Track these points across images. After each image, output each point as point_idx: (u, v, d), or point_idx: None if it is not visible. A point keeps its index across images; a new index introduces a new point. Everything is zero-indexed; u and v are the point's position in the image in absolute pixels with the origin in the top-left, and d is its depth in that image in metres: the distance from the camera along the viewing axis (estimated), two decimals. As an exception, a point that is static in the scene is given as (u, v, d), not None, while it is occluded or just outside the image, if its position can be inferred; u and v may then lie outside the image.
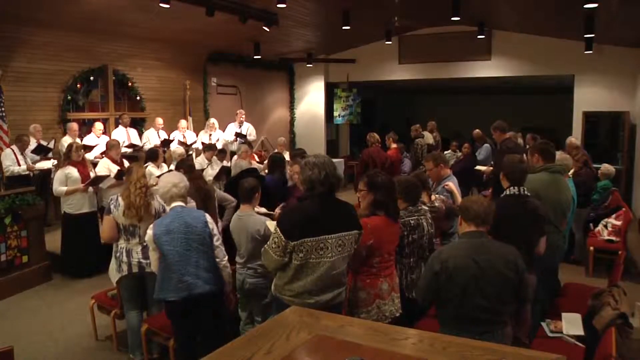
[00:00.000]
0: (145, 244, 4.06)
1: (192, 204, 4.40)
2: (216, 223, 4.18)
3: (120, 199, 4.07)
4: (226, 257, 3.66)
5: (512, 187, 3.77)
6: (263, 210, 4.72)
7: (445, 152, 9.85)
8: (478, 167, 8.28)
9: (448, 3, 8.19)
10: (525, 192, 3.75)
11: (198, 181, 5.11)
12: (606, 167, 7.35)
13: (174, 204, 3.53)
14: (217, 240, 3.59)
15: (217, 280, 3.56)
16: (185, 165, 5.39)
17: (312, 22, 10.27)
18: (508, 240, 3.01)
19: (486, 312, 2.79)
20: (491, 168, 7.36)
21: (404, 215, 3.80)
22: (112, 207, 4.08)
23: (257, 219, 4.05)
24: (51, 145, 7.59)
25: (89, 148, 7.77)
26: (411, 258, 3.82)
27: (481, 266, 2.76)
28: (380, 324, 2.31)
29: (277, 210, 4.93)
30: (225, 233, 4.37)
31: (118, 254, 4.11)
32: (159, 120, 9.40)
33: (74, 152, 6.23)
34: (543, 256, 3.91)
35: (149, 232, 3.46)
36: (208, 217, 3.59)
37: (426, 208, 4.05)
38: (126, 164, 6.77)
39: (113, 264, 4.15)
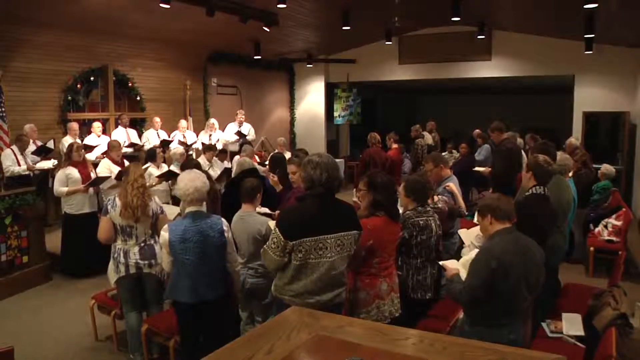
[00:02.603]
0: (142, 244, 4.07)
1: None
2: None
3: (117, 199, 4.06)
4: (237, 262, 3.64)
5: (537, 187, 3.81)
6: (265, 210, 4.72)
7: (442, 153, 9.84)
8: (477, 169, 8.26)
9: (448, 3, 8.19)
10: (547, 193, 3.80)
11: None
12: (606, 168, 7.35)
13: (191, 208, 3.45)
14: (231, 247, 3.56)
15: (227, 284, 3.56)
16: (191, 165, 5.38)
17: (312, 22, 10.27)
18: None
19: (525, 302, 2.91)
20: (489, 169, 7.35)
21: (413, 215, 3.80)
22: (109, 207, 4.07)
23: (258, 219, 4.05)
24: (50, 145, 7.59)
25: (89, 148, 7.76)
26: (418, 259, 3.82)
27: (526, 259, 2.86)
28: (380, 324, 2.32)
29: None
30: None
31: (116, 255, 4.10)
32: (156, 119, 9.39)
33: (75, 152, 6.23)
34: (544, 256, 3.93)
35: (164, 234, 3.40)
36: (225, 225, 3.50)
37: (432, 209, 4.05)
38: (127, 164, 6.77)
39: (111, 265, 4.15)
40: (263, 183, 5.86)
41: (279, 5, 7.48)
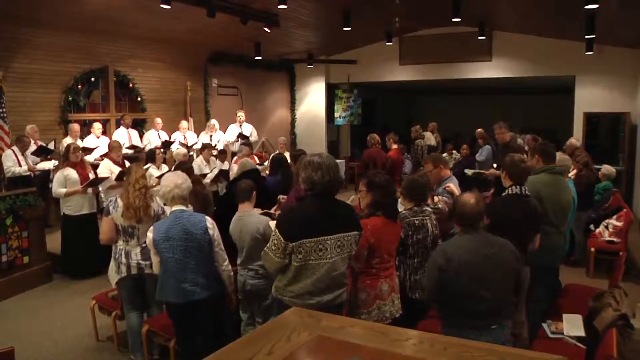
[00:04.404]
0: (144, 245, 4.06)
1: (190, 208, 4.39)
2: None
3: (119, 200, 4.06)
4: (226, 262, 3.60)
5: (514, 187, 3.79)
6: (259, 210, 4.73)
7: (442, 154, 9.84)
8: (468, 171, 8.13)
9: (448, 4, 8.19)
10: (527, 192, 3.77)
11: (196, 186, 5.10)
12: (606, 168, 7.34)
13: (174, 207, 3.47)
14: (217, 246, 3.52)
15: (217, 284, 3.53)
16: (183, 168, 5.37)
17: (312, 23, 10.28)
18: (504, 237, 3.03)
19: (492, 304, 2.81)
20: (497, 171, 7.34)
21: (409, 215, 3.81)
22: (110, 208, 4.07)
23: (256, 217, 4.06)
24: (51, 146, 7.59)
25: (88, 151, 7.74)
26: (415, 259, 3.82)
27: (488, 259, 2.79)
28: (380, 325, 2.31)
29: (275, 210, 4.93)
30: (226, 234, 4.37)
31: (117, 256, 4.11)
32: (158, 120, 9.40)
33: (72, 153, 6.23)
34: (544, 257, 3.92)
35: (149, 235, 3.43)
36: (209, 222, 3.48)
37: (430, 209, 4.05)
38: (127, 165, 6.76)
39: (112, 266, 4.15)
40: (263, 183, 5.88)
41: (279, 6, 7.48)
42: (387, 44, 11.70)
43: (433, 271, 2.87)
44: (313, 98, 14.13)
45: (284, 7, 7.54)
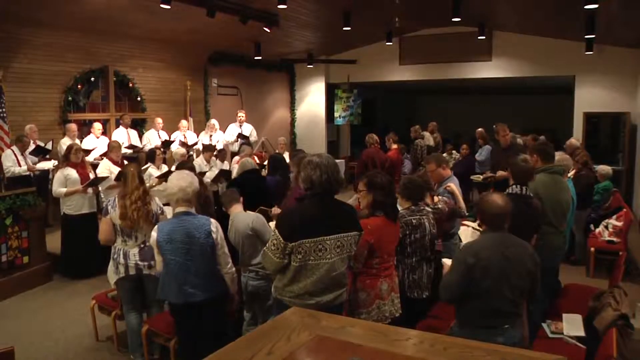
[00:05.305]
0: (142, 245, 4.06)
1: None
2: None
3: (117, 200, 4.05)
4: (229, 264, 3.58)
5: (514, 186, 3.79)
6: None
7: (443, 154, 9.84)
8: (475, 178, 8.19)
9: (448, 4, 8.19)
10: (528, 192, 3.78)
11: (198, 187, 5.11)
12: (602, 168, 7.34)
13: (178, 209, 3.45)
14: (221, 249, 3.49)
15: (218, 286, 3.52)
16: (185, 168, 5.38)
17: (312, 23, 10.28)
18: None
19: (511, 304, 2.84)
20: (505, 172, 7.36)
21: (406, 214, 3.81)
22: (109, 208, 4.07)
23: (245, 215, 4.09)
24: (49, 146, 7.59)
25: (87, 152, 7.73)
26: (413, 258, 3.82)
27: (510, 259, 2.81)
28: (381, 325, 2.31)
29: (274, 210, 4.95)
30: (226, 234, 4.38)
31: (115, 256, 4.10)
32: (158, 120, 9.40)
33: (73, 153, 6.23)
34: (544, 257, 3.92)
35: (153, 234, 3.42)
36: (213, 226, 3.44)
37: (429, 209, 4.06)
38: (126, 164, 6.75)
39: (111, 266, 4.15)
40: (264, 182, 5.89)
41: (279, 6, 7.48)
42: (387, 44, 11.69)
43: (460, 269, 2.85)
44: (313, 98, 14.12)
45: (284, 7, 7.53)
